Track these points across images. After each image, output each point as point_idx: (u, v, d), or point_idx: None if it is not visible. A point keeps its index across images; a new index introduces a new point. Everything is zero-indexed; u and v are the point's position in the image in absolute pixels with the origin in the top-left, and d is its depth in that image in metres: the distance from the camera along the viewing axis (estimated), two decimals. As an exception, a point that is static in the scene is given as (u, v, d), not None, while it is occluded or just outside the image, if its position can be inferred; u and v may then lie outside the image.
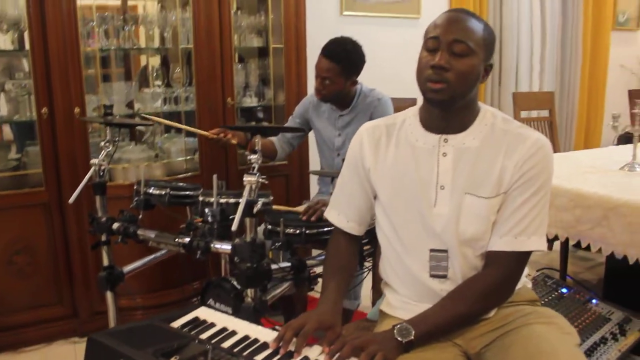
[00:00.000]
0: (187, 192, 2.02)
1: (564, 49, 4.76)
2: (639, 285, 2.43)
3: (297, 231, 1.96)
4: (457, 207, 1.34)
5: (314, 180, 3.06)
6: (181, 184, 2.15)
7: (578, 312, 2.15)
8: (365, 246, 2.01)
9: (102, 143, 1.96)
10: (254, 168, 1.63)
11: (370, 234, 1.98)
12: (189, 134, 2.96)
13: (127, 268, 2.05)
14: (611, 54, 5.01)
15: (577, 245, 3.65)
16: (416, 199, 1.38)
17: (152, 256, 2.14)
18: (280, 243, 1.91)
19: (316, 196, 2.70)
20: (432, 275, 1.38)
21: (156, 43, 2.93)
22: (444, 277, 1.37)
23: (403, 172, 1.40)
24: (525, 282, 1.48)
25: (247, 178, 1.61)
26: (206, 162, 2.86)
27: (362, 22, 3.79)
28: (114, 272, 1.99)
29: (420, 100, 1.42)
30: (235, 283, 1.71)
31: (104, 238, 1.97)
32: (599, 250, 2.15)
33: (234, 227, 1.52)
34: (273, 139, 2.59)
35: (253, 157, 1.64)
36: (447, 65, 1.27)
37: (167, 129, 3.20)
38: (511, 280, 1.37)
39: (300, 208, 2.32)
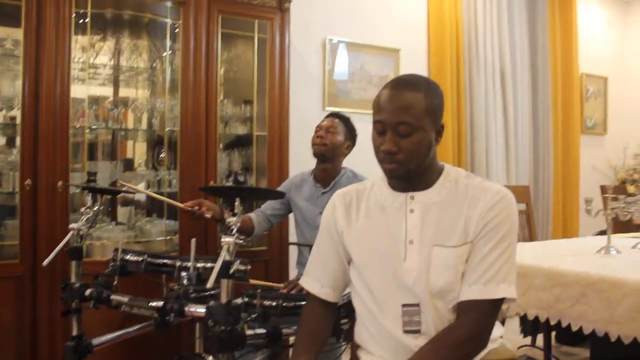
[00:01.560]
0: (164, 260, 1.99)
1: (536, 148, 4.95)
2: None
3: (274, 303, 1.93)
4: (426, 259, 1.36)
5: (292, 264, 3.03)
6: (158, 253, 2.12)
7: (563, 392, 2.08)
8: (342, 320, 1.97)
9: (83, 209, 1.96)
10: (232, 230, 1.63)
11: (348, 308, 1.97)
12: (171, 215, 2.97)
13: (97, 340, 1.96)
14: (582, 156, 5.21)
15: (561, 340, 3.62)
16: (387, 256, 1.40)
17: (124, 330, 2.06)
18: (256, 314, 1.87)
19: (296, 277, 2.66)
20: (406, 331, 1.37)
21: (144, 125, 3.01)
22: (418, 332, 1.37)
23: (374, 231, 1.44)
24: (502, 342, 1.46)
25: (224, 239, 1.60)
26: (186, 244, 2.84)
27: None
28: (83, 342, 1.90)
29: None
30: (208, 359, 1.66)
31: (75, 305, 1.91)
32: (580, 329, 2.12)
33: (209, 284, 1.49)
34: (251, 215, 2.60)
35: (232, 219, 1.65)
36: (395, 149, 1.34)
37: (150, 212, 3.21)
38: (484, 328, 1.35)
39: (280, 285, 2.29)
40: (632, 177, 5.36)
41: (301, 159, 3.06)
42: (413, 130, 1.33)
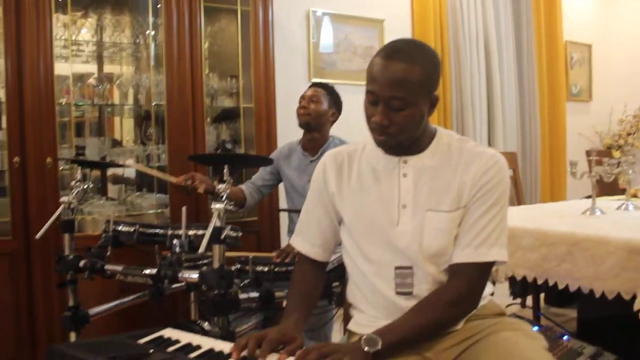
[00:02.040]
0: (156, 230, 2.01)
1: (523, 115, 4.98)
2: (612, 326, 2.44)
3: (266, 269, 1.96)
4: (419, 224, 1.37)
5: (284, 233, 3.06)
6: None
7: (550, 346, 2.13)
8: (334, 283, 2.01)
9: (73, 182, 1.97)
10: (222, 196, 1.65)
11: (339, 272, 2.00)
12: (161, 189, 2.98)
13: (94, 310, 1.99)
14: (568, 123, 5.26)
15: (549, 301, 3.70)
16: (379, 219, 1.40)
17: (119, 300, 2.09)
18: (249, 280, 1.90)
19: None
20: (398, 293, 1.38)
21: (130, 101, 3.00)
22: (410, 294, 1.37)
23: (366, 194, 1.44)
24: (491, 299, 1.49)
25: (214, 205, 1.62)
26: (177, 216, 2.85)
27: (332, 89, 3.95)
28: (79, 312, 1.93)
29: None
30: (203, 325, 1.69)
31: (69, 277, 1.93)
32: (566, 287, 2.17)
33: (201, 250, 1.52)
34: (242, 186, 2.62)
35: (221, 186, 1.66)
36: (386, 122, 1.31)
37: (140, 187, 3.22)
38: (475, 290, 1.37)
39: (272, 254, 2.33)
40: (618, 142, 5.42)
41: (288, 130, 3.06)
42: (406, 105, 1.29)
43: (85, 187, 2.01)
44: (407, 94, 1.28)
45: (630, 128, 5.46)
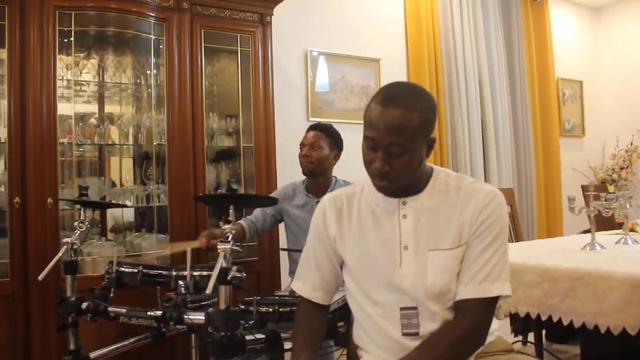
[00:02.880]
0: (160, 271, 2.00)
1: (518, 151, 5.04)
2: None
3: (271, 309, 1.95)
4: (422, 264, 1.38)
5: (284, 273, 3.05)
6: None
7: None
8: (339, 323, 1.99)
9: (76, 223, 1.96)
10: (227, 237, 1.65)
11: (344, 311, 1.99)
12: (161, 230, 2.97)
13: (95, 354, 1.96)
14: (562, 158, 5.33)
15: (551, 338, 3.67)
16: (382, 262, 1.42)
17: (121, 344, 2.06)
18: (253, 321, 1.89)
19: (288, 288, 2.68)
20: (405, 334, 1.39)
21: (130, 141, 3.02)
22: (416, 334, 1.39)
23: (367, 237, 1.45)
24: (498, 335, 1.49)
25: (221, 246, 1.62)
26: (177, 257, 2.83)
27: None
28: (80, 356, 1.90)
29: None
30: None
31: (71, 319, 1.90)
32: (571, 323, 2.16)
33: (208, 290, 1.51)
34: (242, 222, 2.62)
35: (227, 226, 1.67)
36: (387, 169, 1.33)
37: (139, 227, 3.21)
38: (481, 326, 1.38)
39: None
40: (612, 176, 5.48)
41: (288, 169, 3.09)
42: (405, 151, 1.31)
43: (88, 227, 2.01)
44: (406, 140, 1.30)
45: (623, 162, 5.53)
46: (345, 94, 4.14)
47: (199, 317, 1.67)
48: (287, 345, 1.89)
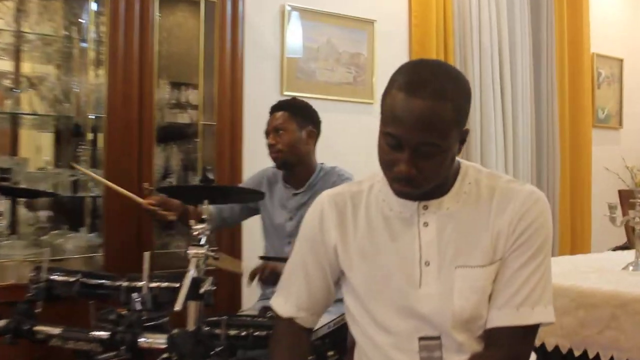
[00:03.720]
0: (104, 281, 2.01)
1: (539, 145, 5.16)
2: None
3: (243, 333, 1.98)
4: (448, 284, 1.40)
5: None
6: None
7: None
8: (329, 352, 2.04)
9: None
10: (200, 239, 1.68)
11: (336, 336, 2.04)
12: (94, 227, 2.97)
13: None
14: (594, 155, 5.48)
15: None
16: (397, 280, 1.44)
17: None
18: (221, 347, 1.92)
19: (258, 303, 2.72)
20: None
21: (55, 111, 2.99)
22: None
23: (378, 249, 1.47)
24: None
25: (193, 250, 1.65)
26: (113, 262, 2.83)
27: (307, 104, 4.03)
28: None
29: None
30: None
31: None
32: (611, 359, 2.26)
33: (177, 307, 1.54)
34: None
35: (200, 226, 1.70)
36: (413, 173, 1.33)
37: (58, 224, 3.18)
38: None
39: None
40: (653, 181, 5.65)
41: (256, 154, 3.10)
42: (437, 151, 1.33)
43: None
44: (438, 137, 1.31)
45: (668, 163, 5.71)
46: (331, 63, 4.17)
47: (159, 340, 1.69)
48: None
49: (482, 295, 1.40)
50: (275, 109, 2.71)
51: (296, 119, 2.65)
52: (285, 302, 1.58)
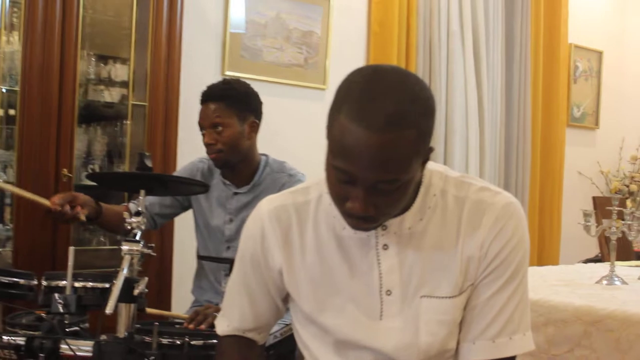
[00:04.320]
0: (18, 279, 2.01)
1: (509, 144, 5.30)
2: None
3: (178, 342, 2.00)
4: (413, 316, 1.40)
5: (183, 289, 3.09)
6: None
7: None
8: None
9: None
10: (135, 234, 1.70)
11: (282, 347, 2.08)
12: (2, 219, 2.95)
13: None
14: (567, 156, 5.65)
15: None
16: (353, 312, 1.43)
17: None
18: (153, 358, 1.94)
19: (192, 308, 2.73)
20: None
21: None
22: None
23: (329, 275, 1.45)
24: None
25: (127, 246, 1.67)
26: (24, 259, 2.82)
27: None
28: None
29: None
30: None
31: None
32: (582, 381, 2.37)
33: (108, 310, 1.56)
34: (130, 205, 2.62)
35: (134, 219, 1.72)
36: (371, 211, 1.28)
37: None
38: None
39: (182, 316, 2.37)
40: (629, 187, 5.84)
41: (193, 141, 3.10)
42: (398, 186, 1.27)
43: None
44: (400, 172, 1.26)
45: (646, 169, 5.94)
46: (279, 41, 4.19)
47: (84, 347, 1.71)
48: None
49: (451, 327, 1.41)
50: (208, 98, 2.59)
51: (236, 111, 2.56)
52: (228, 325, 1.58)
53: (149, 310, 2.14)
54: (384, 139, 1.21)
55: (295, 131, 4.16)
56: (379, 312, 1.42)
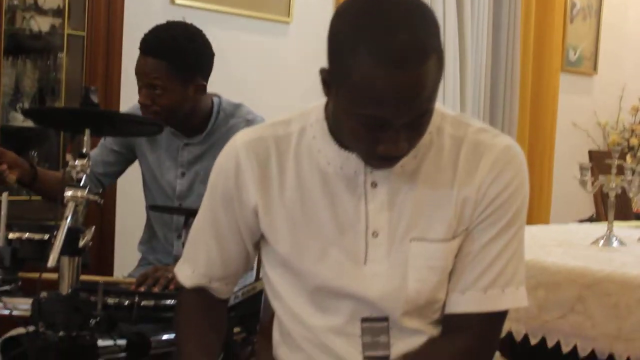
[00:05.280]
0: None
1: (495, 89, 5.35)
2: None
3: (126, 302, 2.02)
4: (401, 261, 1.46)
5: (127, 248, 3.11)
6: None
7: None
8: (235, 328, 2.12)
9: None
10: (79, 179, 1.71)
11: (244, 309, 2.11)
12: None
13: None
14: (560, 106, 5.72)
15: None
16: (335, 255, 1.48)
17: None
18: (98, 319, 1.96)
19: (138, 269, 2.75)
20: (368, 357, 1.49)
21: None
22: (385, 358, 1.49)
23: (311, 212, 1.49)
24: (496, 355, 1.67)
25: (70, 192, 1.67)
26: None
27: (204, 19, 3.97)
28: None
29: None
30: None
31: None
32: (574, 348, 2.42)
33: (50, 263, 1.57)
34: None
35: (79, 162, 1.72)
36: (406, 150, 1.35)
37: None
38: (485, 351, 1.53)
39: (129, 280, 2.39)
40: (629, 141, 5.90)
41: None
42: (428, 116, 1.34)
43: None
44: (431, 102, 1.33)
45: (648, 121, 6.01)
46: (238, -37, 4.16)
47: (22, 305, 1.73)
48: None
49: (442, 275, 1.47)
50: (148, 50, 2.48)
51: (180, 74, 2.46)
52: (193, 271, 1.61)
53: (85, 277, 2.13)
54: (415, 75, 1.26)
55: (255, 70, 4.14)
56: (363, 255, 1.47)
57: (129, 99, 3.03)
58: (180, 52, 2.45)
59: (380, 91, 1.26)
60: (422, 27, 1.30)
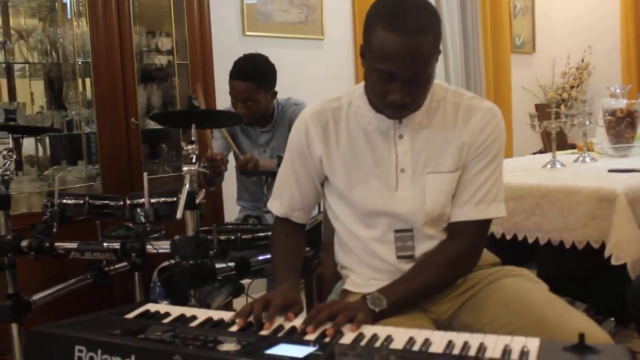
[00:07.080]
0: (108, 201, 2.00)
1: (467, 68, 5.23)
2: (571, 280, 2.69)
3: (232, 237, 2.01)
4: (420, 188, 1.45)
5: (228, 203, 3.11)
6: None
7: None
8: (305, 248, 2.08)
9: (5, 152, 1.91)
10: (191, 158, 1.68)
11: (311, 235, 2.08)
12: (90, 160, 2.95)
13: (36, 297, 1.96)
14: (512, 76, 5.57)
15: (505, 261, 3.97)
16: (377, 185, 1.47)
17: (61, 285, 2.06)
18: (214, 250, 1.94)
19: (240, 214, 2.74)
20: (400, 257, 1.48)
21: (45, 60, 2.91)
22: (411, 257, 1.48)
23: (359, 158, 1.49)
24: (485, 249, 1.62)
25: (186, 168, 1.65)
26: (110, 190, 2.81)
27: (265, 43, 3.96)
28: (21, 301, 1.90)
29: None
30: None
31: (7, 261, 1.88)
32: (536, 241, 2.36)
33: (178, 215, 1.55)
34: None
35: (190, 147, 1.69)
36: (408, 100, 1.36)
37: (56, 159, 3.12)
38: (476, 248, 1.50)
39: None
40: (562, 95, 5.79)
41: (226, 89, 3.07)
42: (426, 78, 1.36)
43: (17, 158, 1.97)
44: (425, 67, 1.34)
45: (574, 81, 5.84)
46: (284, 5, 4.10)
47: (164, 246, 1.71)
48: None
49: (449, 195, 1.46)
50: (238, 76, 2.50)
51: (263, 88, 2.51)
52: (281, 204, 1.61)
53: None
54: (414, 41, 1.30)
55: (300, 73, 4.07)
56: (394, 185, 1.47)
57: (220, 103, 3.05)
58: (261, 74, 2.52)
59: (389, 51, 1.31)
60: (424, 14, 1.35)
